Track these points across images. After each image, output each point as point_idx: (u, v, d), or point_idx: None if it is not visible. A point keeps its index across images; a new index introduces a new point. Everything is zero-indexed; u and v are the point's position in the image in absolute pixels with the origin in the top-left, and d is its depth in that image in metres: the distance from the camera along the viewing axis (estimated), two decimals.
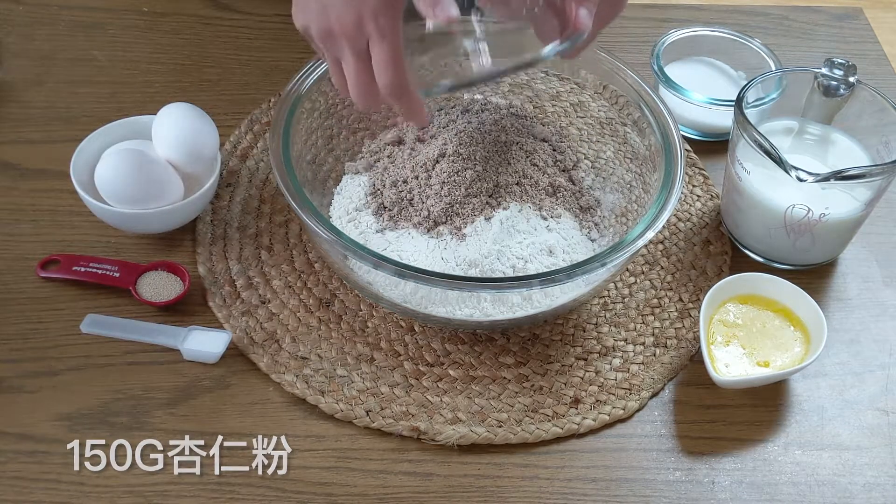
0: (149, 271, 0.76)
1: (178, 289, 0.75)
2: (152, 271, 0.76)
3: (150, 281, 0.75)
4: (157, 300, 0.74)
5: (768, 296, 0.76)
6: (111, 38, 0.98)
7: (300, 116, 0.77)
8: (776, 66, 0.91)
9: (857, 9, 1.10)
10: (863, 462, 0.70)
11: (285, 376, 0.72)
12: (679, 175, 0.72)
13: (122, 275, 0.75)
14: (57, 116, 0.90)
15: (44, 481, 0.66)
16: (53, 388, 0.70)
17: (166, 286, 0.75)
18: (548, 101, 0.90)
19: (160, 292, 0.75)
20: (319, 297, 0.77)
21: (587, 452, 0.70)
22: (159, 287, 0.75)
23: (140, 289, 0.74)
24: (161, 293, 0.75)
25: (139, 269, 0.75)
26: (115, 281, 0.75)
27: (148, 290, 0.75)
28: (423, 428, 0.69)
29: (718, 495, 0.68)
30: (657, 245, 0.83)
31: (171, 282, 0.76)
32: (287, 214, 0.83)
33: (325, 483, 0.67)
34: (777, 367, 0.73)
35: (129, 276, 0.75)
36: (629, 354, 0.76)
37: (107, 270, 0.75)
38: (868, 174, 0.73)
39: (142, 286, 0.75)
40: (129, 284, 0.74)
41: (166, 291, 0.75)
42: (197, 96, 0.91)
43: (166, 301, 0.74)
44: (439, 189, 0.76)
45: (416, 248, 0.74)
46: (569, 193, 0.80)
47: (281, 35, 1.00)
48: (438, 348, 0.75)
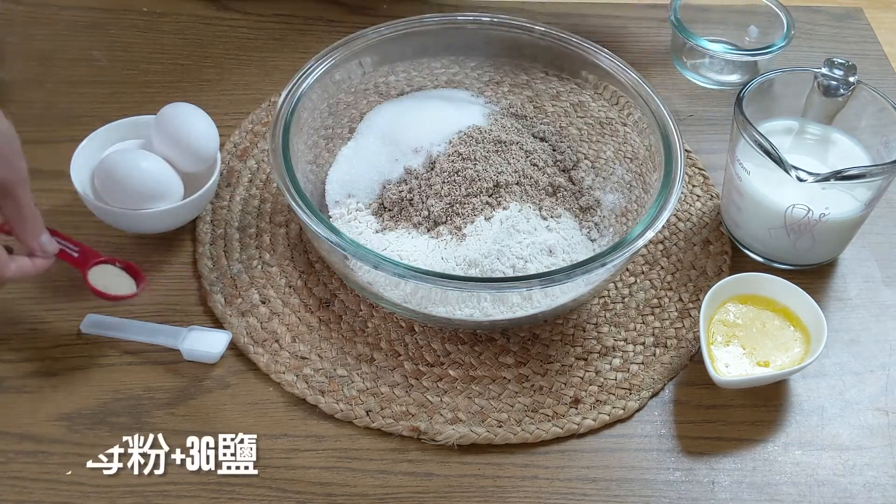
0: (107, 264, 0.74)
1: (127, 288, 0.73)
2: (109, 265, 0.74)
3: (104, 272, 0.73)
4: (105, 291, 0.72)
5: (768, 296, 0.76)
6: (111, 38, 0.98)
7: (300, 116, 0.77)
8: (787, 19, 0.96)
9: (857, 9, 1.10)
10: (863, 462, 0.70)
11: (285, 376, 0.72)
12: (679, 175, 0.72)
13: (80, 257, 0.73)
14: (57, 116, 0.90)
15: (44, 481, 0.66)
16: (53, 388, 0.70)
17: (118, 283, 0.73)
18: (548, 101, 0.90)
19: (108, 286, 0.72)
20: (319, 297, 0.77)
21: (587, 452, 0.70)
22: (110, 281, 0.73)
23: (92, 276, 0.72)
24: (109, 287, 0.72)
25: (97, 257, 0.73)
26: (72, 260, 0.73)
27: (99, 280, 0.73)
28: (423, 428, 0.69)
29: (718, 495, 0.68)
30: (657, 245, 0.83)
31: (123, 280, 0.74)
32: (287, 214, 0.83)
33: (325, 483, 0.67)
34: (777, 367, 0.73)
35: (85, 260, 0.73)
36: (629, 354, 0.76)
37: (68, 248, 0.73)
38: (868, 174, 0.73)
39: (94, 274, 0.72)
40: (82, 267, 0.72)
41: (115, 287, 0.73)
42: (197, 96, 0.91)
43: (110, 295, 0.72)
44: (439, 189, 0.76)
45: (416, 248, 0.74)
46: (569, 193, 0.80)
47: (281, 35, 1.00)
48: (438, 348, 0.75)
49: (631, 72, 0.80)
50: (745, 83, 0.80)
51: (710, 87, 0.99)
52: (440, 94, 0.87)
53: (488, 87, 0.90)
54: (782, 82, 0.82)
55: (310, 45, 0.99)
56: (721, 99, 0.98)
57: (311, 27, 1.01)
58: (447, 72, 0.90)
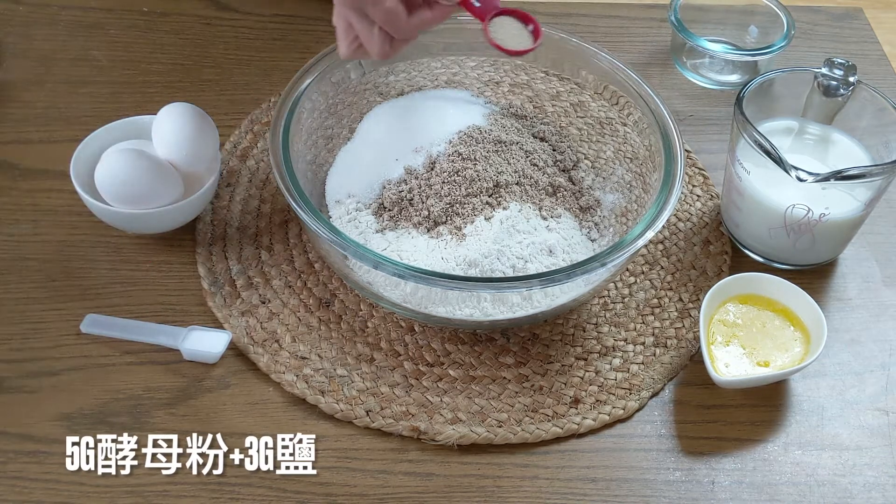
0: (506, 15, 0.70)
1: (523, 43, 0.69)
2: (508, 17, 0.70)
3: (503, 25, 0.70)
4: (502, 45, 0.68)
5: (768, 296, 0.76)
6: (111, 38, 0.98)
7: (300, 116, 0.77)
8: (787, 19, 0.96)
9: (857, 9, 1.10)
10: (863, 462, 0.70)
11: (285, 376, 0.72)
12: (679, 175, 0.72)
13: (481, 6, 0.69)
14: (57, 116, 0.90)
15: (44, 481, 0.66)
16: (53, 388, 0.70)
17: (516, 37, 0.71)
18: (548, 101, 0.90)
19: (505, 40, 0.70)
20: (319, 297, 0.77)
21: (587, 452, 0.70)
22: (507, 35, 0.70)
23: (492, 28, 0.69)
24: (507, 42, 0.70)
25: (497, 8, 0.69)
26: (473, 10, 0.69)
27: (497, 33, 0.70)
28: (423, 428, 0.69)
29: (718, 495, 0.68)
30: (657, 245, 0.83)
31: (522, 34, 0.71)
32: (287, 214, 0.83)
33: (325, 483, 0.67)
34: (777, 367, 0.73)
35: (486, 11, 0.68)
36: (629, 354, 0.76)
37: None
38: (868, 174, 0.73)
39: (494, 26, 0.69)
40: (482, 17, 0.69)
41: (512, 41, 0.70)
42: (197, 96, 0.92)
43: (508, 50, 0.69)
44: (439, 189, 0.76)
45: (416, 248, 0.74)
46: (569, 193, 0.80)
47: (281, 35, 1.00)
48: (438, 348, 0.75)
49: (631, 72, 0.80)
50: (745, 83, 0.80)
51: (710, 87, 0.99)
52: (440, 94, 0.87)
53: (488, 87, 0.90)
54: (782, 82, 0.82)
55: (310, 45, 0.99)
56: (721, 99, 0.98)
57: (311, 27, 1.01)
58: (447, 72, 0.90)
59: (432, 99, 0.87)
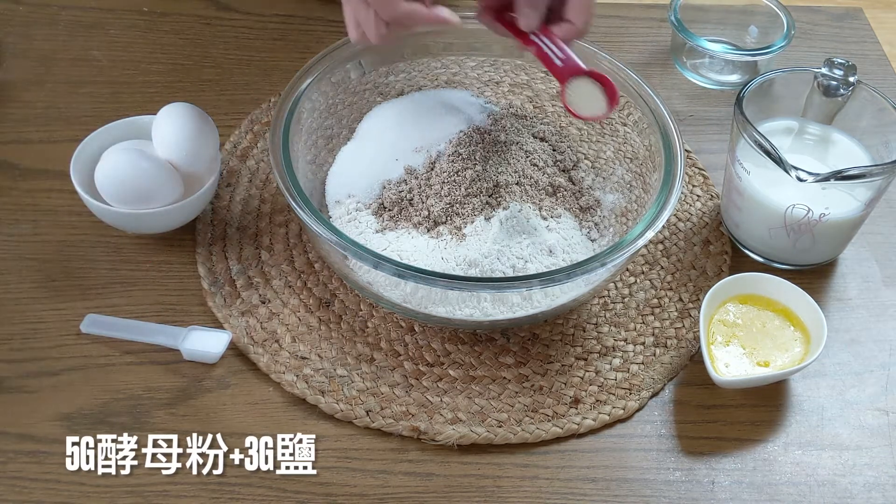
0: (585, 76, 0.71)
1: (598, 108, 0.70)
2: (586, 78, 0.71)
3: (580, 87, 0.71)
4: (576, 111, 0.70)
5: (768, 296, 0.76)
6: (111, 38, 0.98)
7: (300, 116, 0.77)
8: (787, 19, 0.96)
9: (857, 9, 1.10)
10: (863, 462, 0.70)
11: (285, 376, 0.72)
12: (679, 175, 0.72)
13: (563, 67, 0.71)
14: (57, 116, 0.90)
15: (44, 481, 0.66)
16: (53, 388, 0.70)
17: (591, 100, 0.72)
18: (548, 101, 0.90)
19: (580, 104, 0.71)
20: (319, 297, 0.77)
21: (587, 452, 0.70)
22: (582, 97, 0.71)
23: (569, 90, 0.70)
24: (581, 107, 0.71)
25: (578, 70, 0.70)
26: (553, 67, 0.71)
27: (574, 94, 0.71)
28: (423, 428, 0.69)
29: (718, 495, 0.68)
30: (657, 245, 0.83)
31: (596, 96, 0.72)
32: (287, 214, 0.83)
33: (325, 483, 0.67)
34: (777, 367, 0.73)
35: (566, 72, 0.70)
36: (629, 354, 0.76)
37: (553, 52, 0.71)
38: (868, 174, 0.73)
39: (571, 88, 0.70)
40: (561, 80, 0.70)
41: (587, 105, 0.71)
42: (197, 96, 0.92)
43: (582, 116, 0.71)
44: (439, 189, 0.76)
45: (415, 248, 0.74)
46: (569, 193, 0.80)
47: (281, 35, 1.00)
48: (438, 348, 0.75)
49: (631, 72, 0.80)
50: (745, 83, 0.80)
51: (710, 87, 0.99)
52: (440, 94, 0.87)
53: (488, 87, 0.90)
54: (782, 82, 0.82)
55: (310, 45, 0.99)
56: (721, 99, 0.98)
57: (311, 27, 1.01)
58: (447, 72, 0.90)
59: (432, 99, 0.87)
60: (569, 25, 0.71)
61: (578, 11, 0.71)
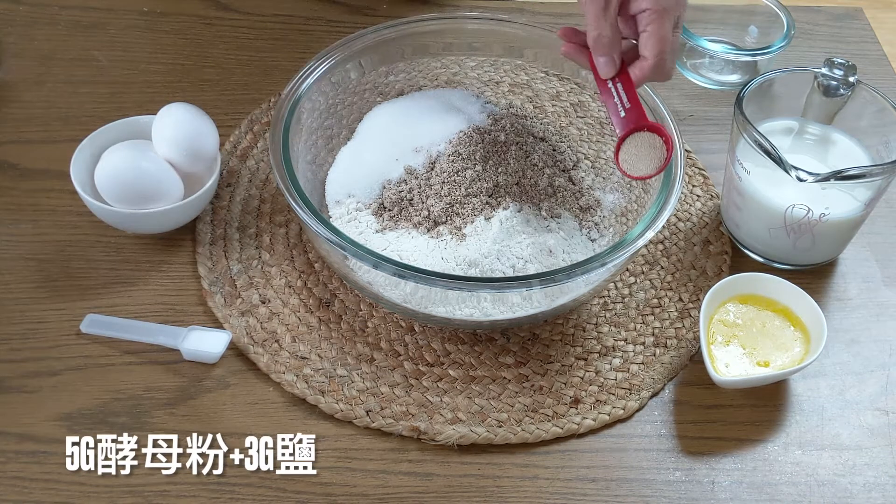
0: (644, 131, 0.70)
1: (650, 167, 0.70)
2: (646, 132, 0.70)
3: (637, 140, 0.71)
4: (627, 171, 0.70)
5: (768, 296, 0.76)
6: (111, 38, 0.98)
7: (300, 116, 0.77)
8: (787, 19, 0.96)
9: (857, 9, 1.10)
10: (863, 462, 0.70)
11: (285, 376, 0.72)
12: (679, 175, 0.72)
13: (626, 117, 0.70)
14: (57, 116, 0.90)
15: (44, 481, 0.66)
16: (53, 388, 0.70)
17: (644, 155, 0.71)
18: (548, 101, 0.90)
19: (632, 161, 0.71)
20: (319, 297, 0.77)
21: (587, 452, 0.70)
22: (636, 152, 0.71)
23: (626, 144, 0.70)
24: (632, 164, 0.71)
25: (638, 125, 0.70)
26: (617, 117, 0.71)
27: (629, 147, 0.71)
28: (423, 428, 0.69)
29: (718, 495, 0.68)
30: (657, 245, 0.83)
31: (651, 152, 0.71)
32: (287, 214, 0.83)
33: (325, 483, 0.67)
34: (777, 367, 0.73)
35: (627, 125, 0.70)
36: (629, 354, 0.76)
37: (621, 100, 0.71)
38: (868, 174, 0.73)
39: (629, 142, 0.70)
40: (621, 133, 0.70)
41: (638, 163, 0.71)
42: (197, 96, 0.91)
43: (632, 175, 0.70)
44: (439, 189, 0.76)
45: (416, 248, 0.74)
46: (569, 193, 0.80)
47: (281, 35, 1.00)
48: (438, 348, 0.75)
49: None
50: (745, 83, 0.80)
51: (710, 87, 0.99)
52: (440, 94, 0.87)
53: (488, 87, 0.90)
54: (782, 82, 0.82)
55: (310, 45, 0.99)
56: (721, 99, 0.98)
57: (311, 27, 1.01)
58: (447, 72, 0.90)
59: (432, 99, 0.87)
60: (642, 63, 0.70)
61: (648, 45, 0.69)
